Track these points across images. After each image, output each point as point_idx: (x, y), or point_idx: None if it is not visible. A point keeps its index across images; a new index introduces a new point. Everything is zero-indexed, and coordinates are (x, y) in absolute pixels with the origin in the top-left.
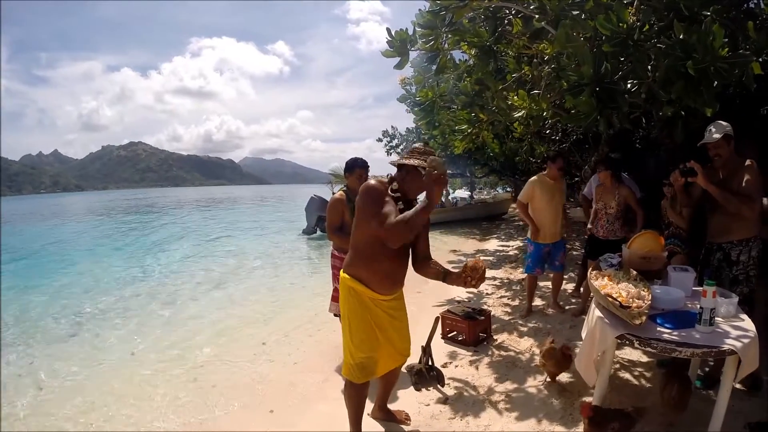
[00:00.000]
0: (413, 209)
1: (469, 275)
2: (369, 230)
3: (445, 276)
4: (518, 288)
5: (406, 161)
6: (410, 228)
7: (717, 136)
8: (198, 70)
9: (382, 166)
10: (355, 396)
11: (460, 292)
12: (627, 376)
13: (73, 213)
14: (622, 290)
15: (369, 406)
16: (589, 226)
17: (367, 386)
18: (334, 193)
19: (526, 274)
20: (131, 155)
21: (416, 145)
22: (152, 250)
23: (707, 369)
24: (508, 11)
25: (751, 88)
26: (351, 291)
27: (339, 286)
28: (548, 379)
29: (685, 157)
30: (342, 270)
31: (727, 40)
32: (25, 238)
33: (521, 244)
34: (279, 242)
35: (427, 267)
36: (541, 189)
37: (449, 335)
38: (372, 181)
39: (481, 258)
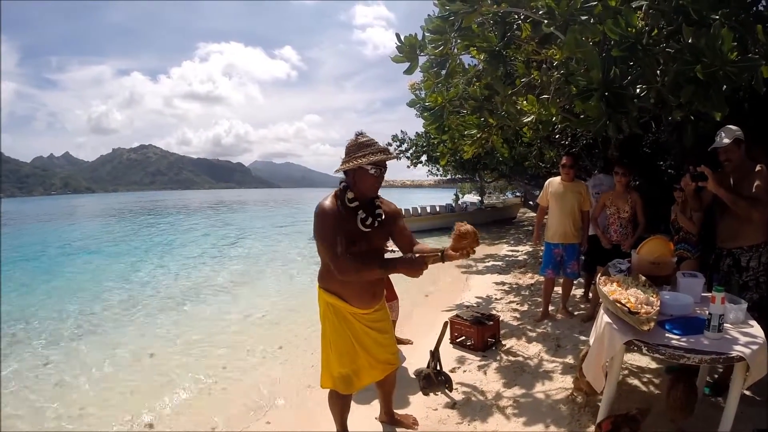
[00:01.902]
0: (377, 263)
1: (462, 243)
2: None
3: (441, 256)
4: (527, 293)
5: (347, 166)
6: (359, 277)
7: (726, 141)
8: (206, 74)
9: (390, 170)
10: (339, 403)
11: (469, 297)
12: (635, 382)
13: (86, 214)
14: (631, 296)
15: (376, 410)
16: (598, 231)
17: (351, 394)
18: None
19: (537, 279)
20: (141, 158)
21: (350, 141)
22: (165, 252)
23: (716, 376)
24: (516, 16)
25: (761, 92)
26: (329, 306)
27: (317, 299)
28: (578, 398)
29: (696, 162)
30: (318, 284)
31: (736, 43)
32: (37, 238)
33: (530, 249)
34: (291, 246)
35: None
36: (552, 189)
37: (458, 340)
38: (326, 202)
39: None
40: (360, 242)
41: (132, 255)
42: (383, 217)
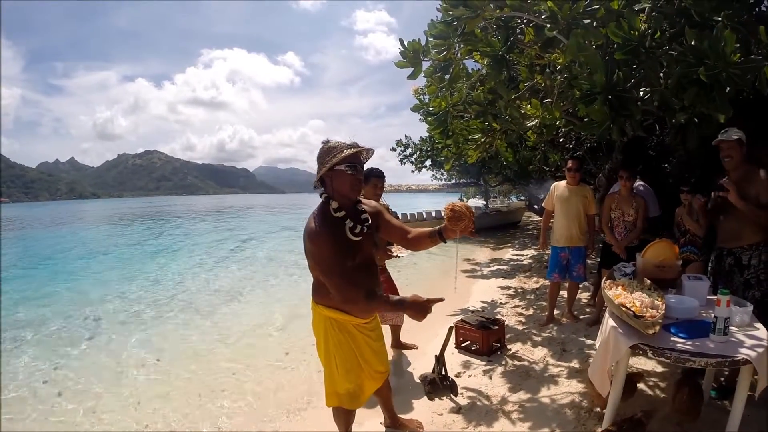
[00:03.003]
0: (387, 300)
1: (460, 225)
2: None
3: (440, 236)
4: (532, 297)
5: (322, 172)
6: (369, 310)
7: (731, 137)
8: (210, 80)
9: (394, 175)
10: (344, 418)
11: (474, 302)
12: (641, 385)
13: (92, 219)
14: (636, 300)
15: (381, 415)
16: (611, 239)
17: (355, 409)
18: None
19: (542, 283)
20: (146, 164)
21: (320, 149)
22: (167, 257)
23: (722, 379)
24: (519, 20)
25: (764, 93)
26: (332, 322)
27: (312, 317)
28: (597, 408)
29: (700, 165)
30: (314, 302)
31: (738, 45)
32: (42, 243)
33: (535, 253)
34: (295, 251)
35: (414, 241)
36: (558, 193)
37: (463, 345)
38: (313, 224)
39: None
40: (354, 254)
41: (133, 261)
42: (370, 221)
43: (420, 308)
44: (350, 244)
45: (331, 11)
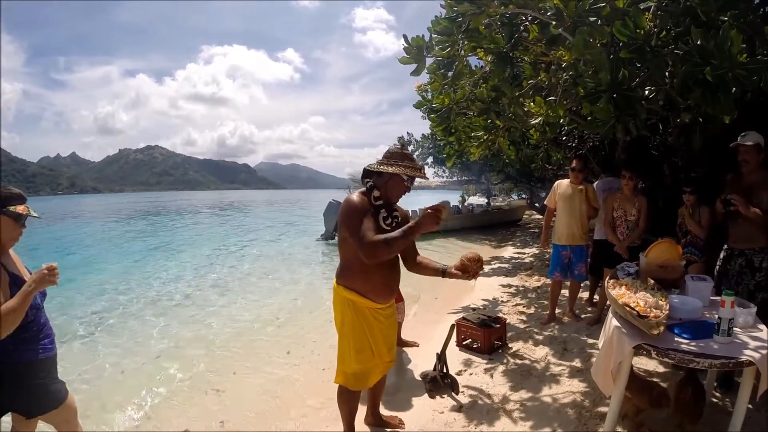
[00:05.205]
0: (399, 231)
1: (470, 267)
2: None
3: (443, 272)
4: (533, 296)
5: (388, 169)
6: (390, 249)
7: (750, 142)
8: (211, 76)
9: None
10: (349, 400)
11: (475, 300)
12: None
13: (93, 213)
14: (640, 299)
15: (363, 412)
16: (613, 237)
17: (359, 393)
18: None
19: (543, 282)
20: (148, 158)
21: (394, 148)
22: (169, 253)
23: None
24: (524, 18)
25: None
26: (348, 302)
27: (333, 297)
28: (598, 408)
29: (705, 165)
30: (336, 283)
31: (744, 45)
32: (40, 237)
33: (536, 252)
34: (298, 247)
35: (419, 265)
36: (560, 191)
37: (464, 343)
38: (354, 196)
39: (481, 256)
40: None
41: (131, 258)
42: (400, 219)
43: (429, 218)
44: (380, 232)
45: (330, 9)
